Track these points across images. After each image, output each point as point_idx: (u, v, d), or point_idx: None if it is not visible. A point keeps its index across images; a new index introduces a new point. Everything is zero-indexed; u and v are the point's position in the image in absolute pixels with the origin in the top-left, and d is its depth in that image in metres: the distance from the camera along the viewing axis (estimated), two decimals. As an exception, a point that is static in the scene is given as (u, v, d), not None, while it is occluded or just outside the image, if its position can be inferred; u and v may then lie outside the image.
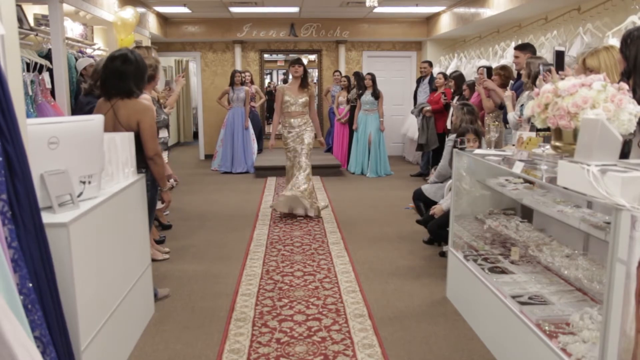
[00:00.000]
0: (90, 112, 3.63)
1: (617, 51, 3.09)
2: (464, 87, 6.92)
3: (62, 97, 4.95)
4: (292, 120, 5.89)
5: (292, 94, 5.86)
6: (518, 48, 5.26)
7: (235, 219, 5.91)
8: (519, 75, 5.30)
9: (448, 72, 8.26)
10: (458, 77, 7.42)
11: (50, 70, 4.84)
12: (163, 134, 4.50)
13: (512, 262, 3.29)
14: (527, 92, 4.49)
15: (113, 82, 3.21)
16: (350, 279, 4.06)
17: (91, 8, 5.76)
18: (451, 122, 5.14)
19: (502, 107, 5.56)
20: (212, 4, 8.49)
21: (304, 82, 5.87)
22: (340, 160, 9.12)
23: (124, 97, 3.22)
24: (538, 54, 5.61)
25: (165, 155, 4.51)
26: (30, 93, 4.43)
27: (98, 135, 2.59)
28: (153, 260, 3.95)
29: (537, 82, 4.07)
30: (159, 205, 4.61)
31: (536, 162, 2.77)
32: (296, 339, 3.08)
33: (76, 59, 5.36)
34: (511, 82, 5.28)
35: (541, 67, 3.84)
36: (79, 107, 4.22)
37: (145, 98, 4.05)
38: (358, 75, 9.10)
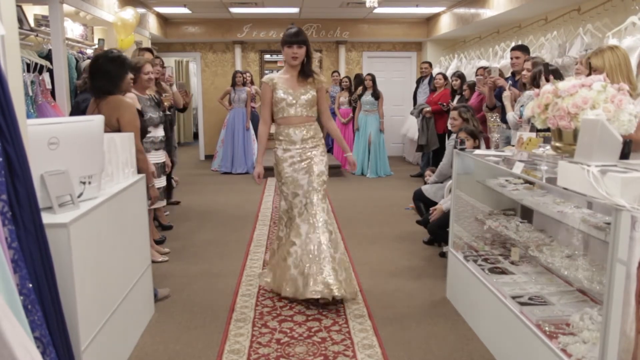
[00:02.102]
0: (86, 108, 3.67)
1: (621, 51, 3.10)
2: (465, 87, 6.93)
3: (62, 97, 4.95)
4: (291, 130, 3.64)
5: (288, 87, 3.63)
6: (518, 49, 5.26)
7: (236, 219, 5.91)
8: (514, 75, 5.31)
9: (448, 73, 8.27)
10: (462, 76, 7.42)
11: (50, 71, 4.84)
12: (155, 132, 4.44)
13: (512, 263, 3.29)
14: (527, 93, 4.49)
15: (89, 82, 3.46)
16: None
17: (91, 8, 5.76)
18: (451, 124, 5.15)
19: (492, 109, 5.58)
20: (212, 4, 8.50)
21: (305, 70, 3.67)
22: (341, 161, 9.12)
23: (100, 95, 3.38)
24: (538, 54, 5.63)
25: (160, 153, 4.49)
26: (31, 93, 4.43)
27: (98, 135, 2.59)
28: (152, 261, 3.95)
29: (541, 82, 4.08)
30: (159, 204, 4.62)
31: (536, 162, 2.77)
32: (296, 340, 3.08)
33: (77, 60, 5.36)
34: (509, 81, 5.28)
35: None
36: (75, 106, 4.24)
37: (129, 97, 4.09)
38: (358, 77, 9.19)
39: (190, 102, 7.00)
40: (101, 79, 3.36)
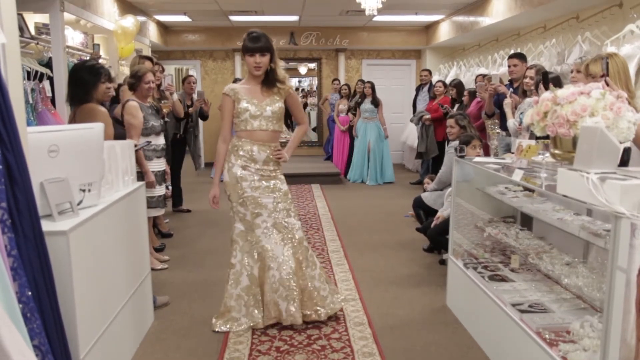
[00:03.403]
0: None
1: (620, 58, 3.12)
2: (465, 93, 6.95)
3: (62, 105, 4.95)
4: (255, 147, 3.27)
5: (252, 97, 3.26)
6: (516, 57, 5.28)
7: (235, 226, 5.89)
8: (511, 82, 5.33)
9: (447, 81, 8.29)
10: (457, 85, 7.45)
11: (50, 79, 4.86)
12: (156, 141, 4.45)
13: (512, 270, 3.29)
14: (527, 100, 4.51)
15: (67, 90, 3.60)
16: (350, 287, 4.05)
17: (92, 17, 5.78)
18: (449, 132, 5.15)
19: (491, 116, 5.59)
20: (212, 12, 8.53)
21: (270, 79, 3.28)
22: (340, 169, 9.13)
23: (74, 103, 3.49)
24: (537, 62, 5.64)
25: (159, 162, 4.49)
26: (31, 101, 4.44)
27: (98, 143, 2.59)
28: (152, 269, 3.94)
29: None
30: (158, 212, 4.61)
31: (536, 169, 2.77)
32: (296, 347, 3.07)
33: (71, 69, 5.37)
34: (511, 89, 5.30)
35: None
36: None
37: (132, 105, 4.11)
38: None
39: (209, 110, 7.04)
40: (76, 88, 3.47)
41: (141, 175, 4.10)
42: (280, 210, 3.30)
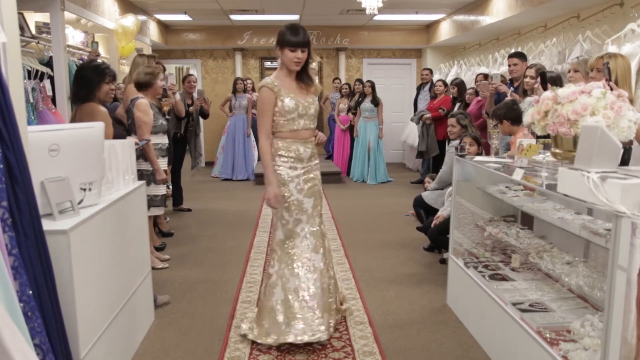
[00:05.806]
0: None
1: (628, 61, 3.14)
2: (469, 90, 6.94)
3: (62, 104, 4.96)
4: (300, 147, 3.09)
5: (295, 95, 3.05)
6: (516, 56, 5.28)
7: (236, 225, 5.90)
8: (511, 81, 5.32)
9: (448, 80, 8.29)
10: (459, 84, 7.45)
11: (51, 78, 4.86)
12: (161, 139, 4.49)
13: (513, 270, 3.29)
14: (527, 99, 4.51)
15: (72, 89, 3.65)
16: (351, 286, 4.05)
17: (92, 16, 5.79)
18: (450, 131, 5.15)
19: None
20: (212, 11, 8.53)
21: (306, 75, 3.11)
22: (341, 168, 9.12)
23: (76, 101, 3.54)
24: (538, 61, 5.64)
25: (164, 161, 4.50)
26: (32, 100, 4.44)
27: (98, 142, 2.59)
28: (152, 268, 3.95)
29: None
30: (158, 211, 4.62)
31: (536, 169, 2.77)
32: (296, 347, 3.07)
33: (77, 67, 5.38)
34: (511, 88, 5.29)
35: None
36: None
37: (143, 103, 4.12)
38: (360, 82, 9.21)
39: (209, 108, 7.04)
40: (79, 86, 3.50)
41: (142, 174, 4.09)
42: (316, 216, 3.15)
